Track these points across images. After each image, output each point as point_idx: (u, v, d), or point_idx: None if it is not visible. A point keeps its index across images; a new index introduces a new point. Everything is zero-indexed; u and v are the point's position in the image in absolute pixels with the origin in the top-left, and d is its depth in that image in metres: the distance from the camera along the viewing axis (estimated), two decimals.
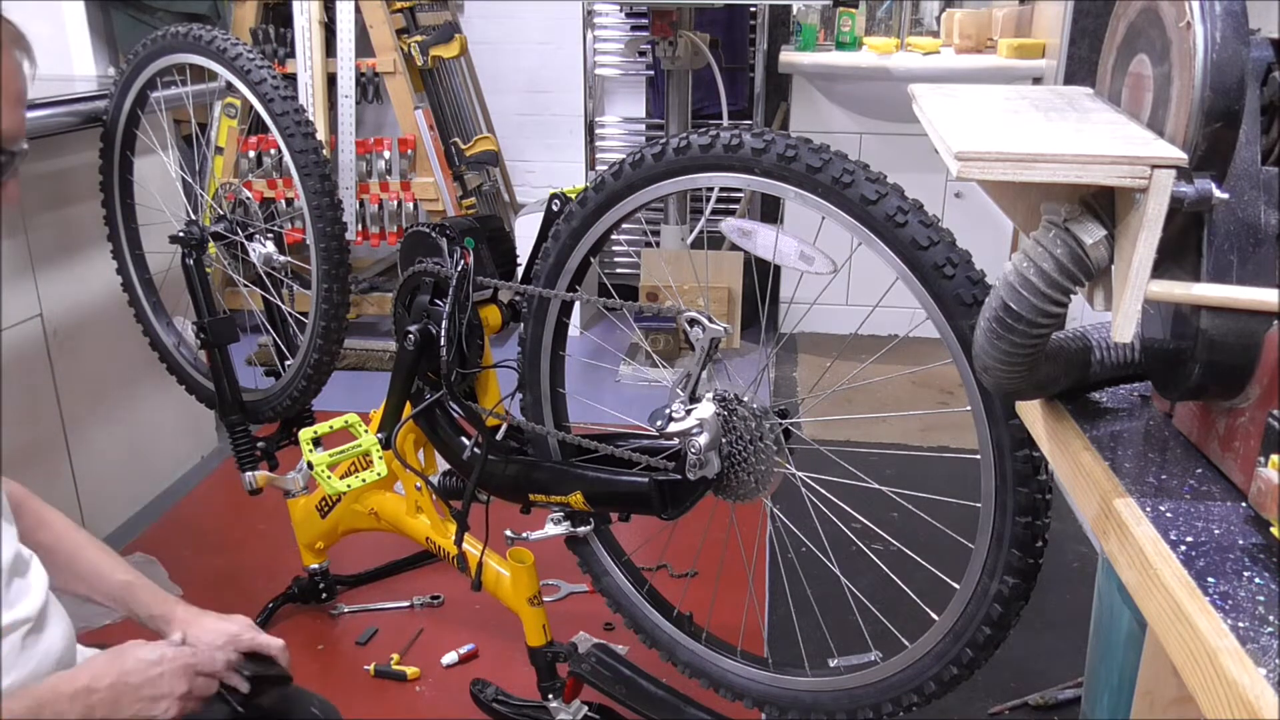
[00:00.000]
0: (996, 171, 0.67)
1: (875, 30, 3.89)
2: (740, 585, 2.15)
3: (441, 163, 3.52)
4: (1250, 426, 0.72)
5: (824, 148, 1.24)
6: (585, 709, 1.69)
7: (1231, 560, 0.65)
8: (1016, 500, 1.17)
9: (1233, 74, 0.66)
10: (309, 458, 1.62)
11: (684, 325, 1.34)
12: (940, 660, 1.30)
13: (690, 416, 1.32)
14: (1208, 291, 0.70)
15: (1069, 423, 0.86)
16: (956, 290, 1.15)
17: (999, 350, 0.75)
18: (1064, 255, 0.69)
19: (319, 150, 1.89)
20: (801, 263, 1.35)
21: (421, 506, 1.79)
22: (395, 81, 3.46)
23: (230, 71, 1.94)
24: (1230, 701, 0.55)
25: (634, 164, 1.37)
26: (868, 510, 1.53)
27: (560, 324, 1.55)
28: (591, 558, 1.67)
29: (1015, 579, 1.20)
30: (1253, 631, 0.58)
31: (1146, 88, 0.75)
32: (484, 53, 3.93)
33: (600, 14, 4.08)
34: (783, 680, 1.50)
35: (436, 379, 1.60)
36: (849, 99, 3.71)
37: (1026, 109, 0.80)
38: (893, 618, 1.45)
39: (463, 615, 2.17)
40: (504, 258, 1.63)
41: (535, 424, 1.59)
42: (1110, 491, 0.75)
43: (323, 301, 1.92)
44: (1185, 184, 0.66)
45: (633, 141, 4.24)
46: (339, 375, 2.14)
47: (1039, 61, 3.41)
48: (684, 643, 1.61)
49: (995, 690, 1.97)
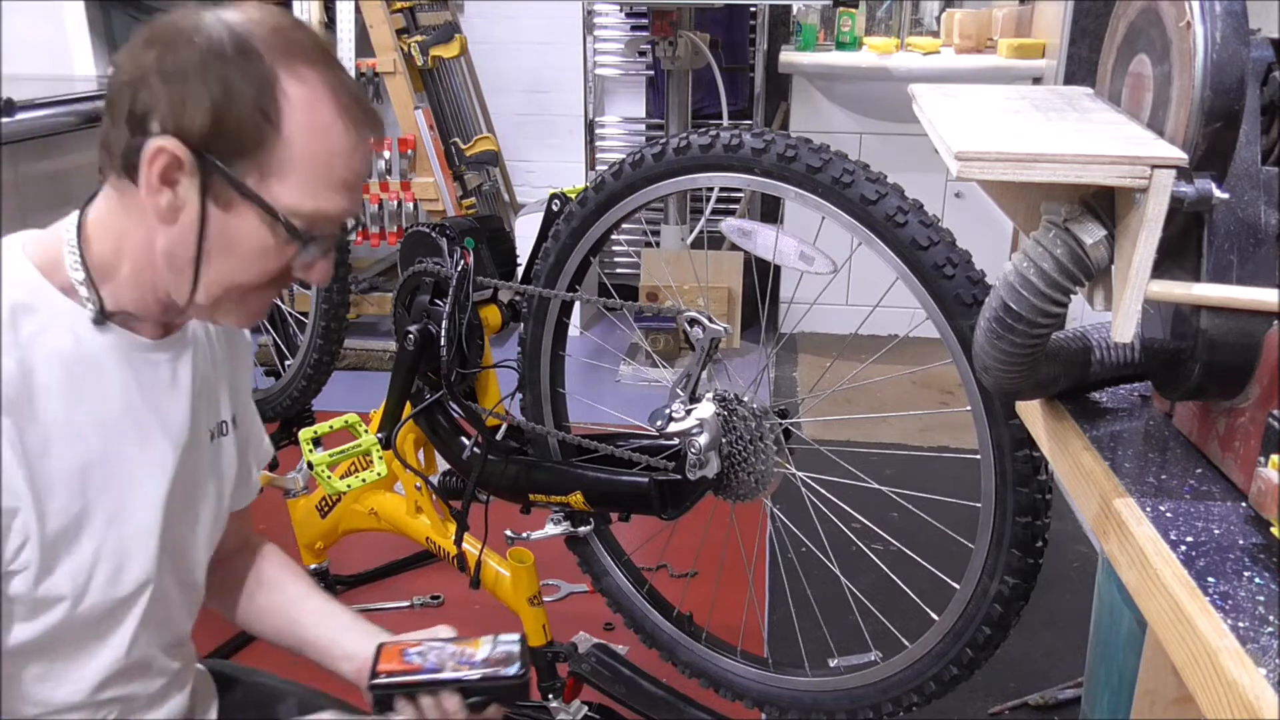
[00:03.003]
0: (996, 171, 0.67)
1: (875, 30, 3.88)
2: (740, 585, 2.15)
3: (441, 163, 3.52)
4: (1250, 426, 0.72)
5: (824, 148, 1.24)
6: (585, 709, 1.68)
7: (1231, 560, 0.65)
8: (1016, 500, 1.17)
9: (1233, 74, 0.66)
10: (309, 457, 1.62)
11: (684, 325, 1.34)
12: (940, 660, 1.30)
13: (690, 416, 1.32)
14: (1208, 291, 0.70)
15: (1069, 423, 0.86)
16: (956, 290, 1.15)
17: (999, 350, 0.75)
18: (1064, 255, 0.69)
19: None
20: (801, 263, 1.35)
21: (421, 506, 1.79)
22: (395, 81, 3.46)
23: None
24: (1230, 701, 0.55)
25: (634, 164, 1.37)
26: (868, 510, 1.53)
27: (560, 324, 1.55)
28: (591, 558, 1.67)
29: (1015, 579, 1.20)
30: (1253, 631, 0.58)
31: (1146, 88, 0.75)
32: (484, 53, 3.93)
33: (600, 14, 4.08)
34: (783, 680, 1.50)
35: (436, 379, 1.60)
36: (849, 99, 3.71)
37: (1026, 109, 0.80)
38: (893, 618, 1.45)
39: (463, 615, 2.17)
40: (504, 258, 1.63)
41: (535, 424, 1.59)
42: (1110, 491, 0.74)
43: (323, 301, 1.92)
44: (1185, 184, 0.66)
45: (633, 141, 4.24)
46: (339, 375, 2.14)
47: (1039, 61, 3.41)
48: (684, 643, 1.61)
49: (995, 690, 1.97)
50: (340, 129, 0.86)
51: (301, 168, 0.84)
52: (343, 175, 0.87)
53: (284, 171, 0.84)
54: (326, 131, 0.85)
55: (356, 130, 0.87)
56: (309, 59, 0.84)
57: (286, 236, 0.86)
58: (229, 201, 0.84)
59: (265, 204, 0.84)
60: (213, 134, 0.82)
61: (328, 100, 0.85)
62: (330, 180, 0.86)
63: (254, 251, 0.86)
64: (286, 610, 1.17)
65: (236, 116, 0.81)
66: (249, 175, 0.83)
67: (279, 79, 0.82)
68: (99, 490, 0.90)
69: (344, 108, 0.86)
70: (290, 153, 0.83)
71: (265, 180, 0.84)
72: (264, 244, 0.86)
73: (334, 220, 0.89)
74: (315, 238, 0.89)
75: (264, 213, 0.84)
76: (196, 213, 0.84)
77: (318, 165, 0.85)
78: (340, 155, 0.86)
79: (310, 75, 0.84)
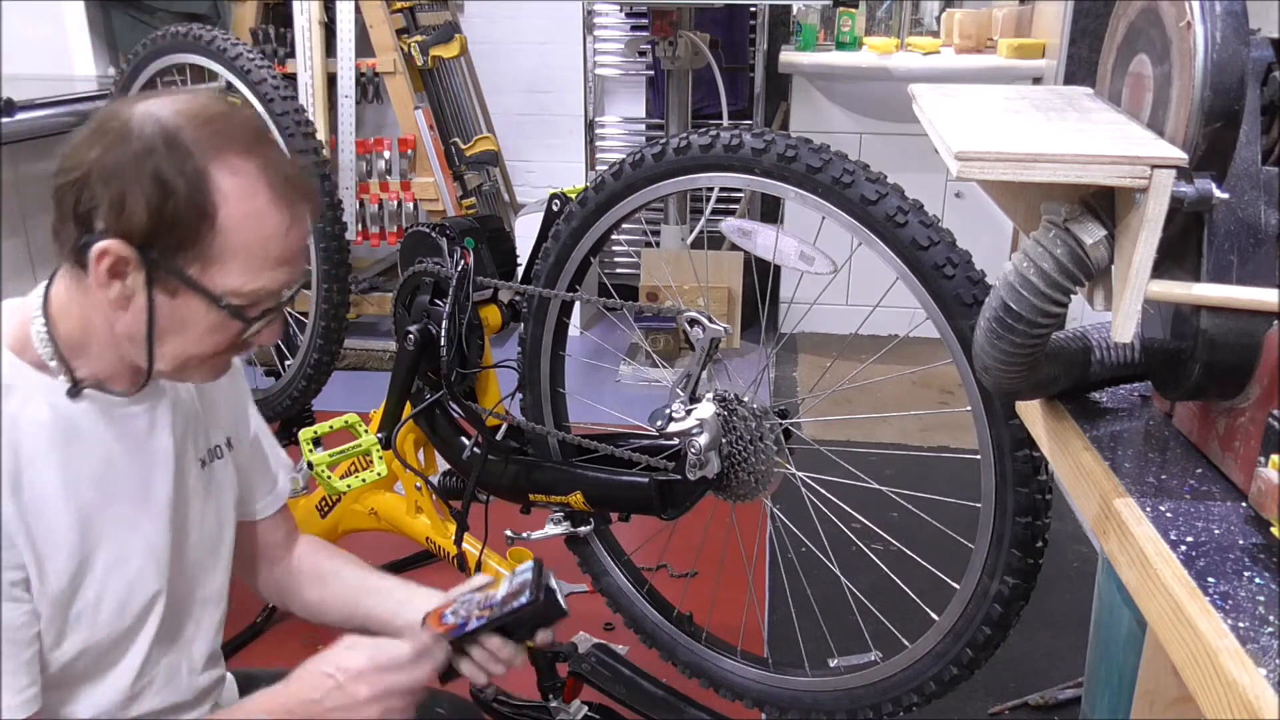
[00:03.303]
0: (996, 171, 0.67)
1: (875, 30, 3.88)
2: (740, 585, 2.15)
3: (441, 163, 3.52)
4: (1250, 426, 0.72)
5: (824, 148, 1.24)
6: (585, 709, 1.68)
7: (1231, 560, 0.65)
8: (1016, 500, 1.17)
9: (1233, 74, 0.66)
10: (309, 458, 1.62)
11: (684, 325, 1.34)
12: (940, 660, 1.30)
13: (690, 416, 1.32)
14: (1208, 291, 0.70)
15: (1069, 423, 0.86)
16: (956, 290, 1.15)
17: (999, 350, 0.75)
18: (1064, 255, 0.69)
19: (319, 150, 1.89)
20: (801, 263, 1.35)
21: (421, 506, 1.79)
22: (395, 81, 3.46)
23: (230, 71, 1.94)
24: (1230, 701, 0.55)
25: (634, 164, 1.37)
26: (868, 510, 1.53)
27: (560, 324, 1.55)
28: (591, 558, 1.67)
29: (1015, 579, 1.20)
30: (1253, 631, 0.58)
31: (1146, 88, 0.75)
32: (484, 53, 3.93)
33: (600, 14, 4.08)
34: (783, 680, 1.50)
35: (436, 379, 1.60)
36: (849, 99, 3.71)
37: (1026, 109, 0.80)
38: (893, 618, 1.45)
39: None
40: (504, 258, 1.63)
41: (535, 424, 1.59)
42: (1110, 491, 0.75)
43: (323, 301, 1.92)
44: (1185, 184, 0.66)
45: (633, 141, 4.24)
46: (339, 375, 2.14)
47: (1039, 61, 3.41)
48: (684, 643, 1.61)
49: (995, 690, 1.97)
50: (274, 212, 0.91)
51: (240, 254, 0.90)
52: (279, 254, 0.92)
53: (224, 259, 0.89)
54: (260, 217, 0.90)
55: (290, 210, 0.92)
56: (239, 148, 0.89)
57: (230, 316, 0.92)
58: (174, 289, 0.90)
59: (208, 291, 0.90)
60: (152, 230, 0.87)
61: (260, 187, 0.90)
62: (267, 260, 0.92)
63: (203, 330, 0.93)
64: (351, 598, 1.23)
65: (173, 213, 0.86)
66: (191, 265, 0.89)
67: (210, 173, 0.87)
68: (97, 540, 0.96)
69: (276, 191, 0.91)
70: (228, 241, 0.89)
71: (207, 270, 0.90)
72: (211, 323, 0.93)
73: (275, 294, 0.95)
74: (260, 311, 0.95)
75: (208, 301, 0.91)
76: (145, 301, 0.90)
77: (255, 250, 0.90)
78: (275, 237, 0.92)
79: (241, 165, 0.89)
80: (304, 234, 0.96)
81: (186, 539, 1.07)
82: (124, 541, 0.99)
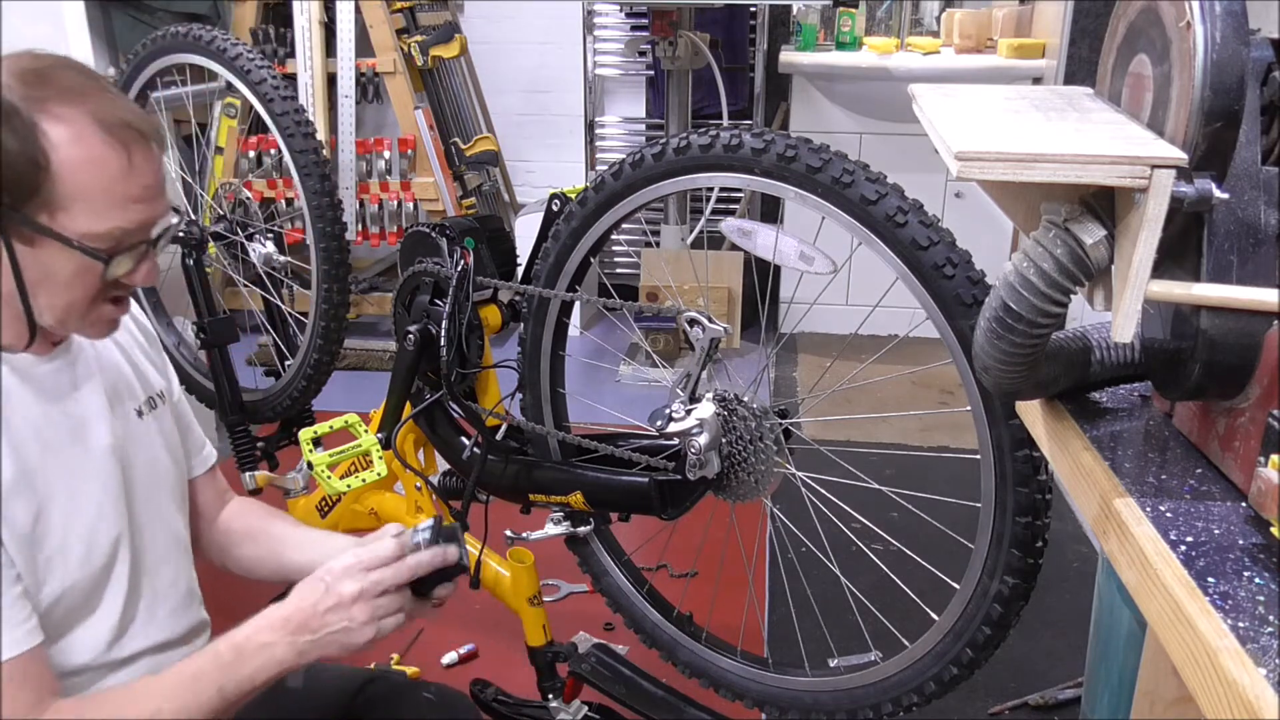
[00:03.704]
0: (996, 171, 0.67)
1: (875, 30, 3.88)
2: (740, 585, 2.15)
3: (441, 163, 3.52)
4: (1250, 426, 0.72)
5: (824, 148, 1.24)
6: (585, 709, 1.68)
7: (1231, 560, 0.65)
8: (1016, 500, 1.17)
9: (1233, 74, 0.66)
10: (309, 458, 1.62)
11: (684, 325, 1.34)
12: (940, 660, 1.30)
13: (690, 416, 1.32)
14: (1208, 291, 0.70)
15: (1069, 423, 0.86)
16: (956, 290, 1.15)
17: (999, 350, 0.75)
18: (1064, 255, 0.69)
19: (319, 150, 1.89)
20: (801, 263, 1.35)
21: (421, 506, 1.79)
22: (395, 81, 3.46)
23: (230, 71, 1.94)
24: (1230, 701, 0.55)
25: (634, 164, 1.37)
26: (868, 510, 1.53)
27: (560, 324, 1.55)
28: (591, 558, 1.67)
29: (1015, 579, 1.20)
30: (1253, 631, 0.58)
31: (1146, 88, 0.75)
32: (484, 53, 3.93)
33: (600, 14, 4.08)
34: (783, 680, 1.50)
35: (436, 379, 1.60)
36: (849, 99, 3.71)
37: (1026, 109, 0.80)
38: (893, 618, 1.45)
39: (462, 615, 2.17)
40: (504, 258, 1.63)
41: (535, 424, 1.59)
42: (1110, 491, 0.75)
43: (323, 301, 1.92)
44: (1185, 184, 0.66)
45: (633, 141, 4.24)
46: (339, 375, 2.14)
47: (1039, 61, 3.41)
48: (684, 643, 1.61)
49: (995, 690, 1.97)
50: (111, 154, 0.94)
51: (81, 197, 0.93)
52: (124, 193, 0.95)
53: (67, 205, 0.93)
54: (96, 161, 0.93)
55: (126, 149, 0.95)
56: (64, 97, 0.93)
57: (88, 257, 0.96)
58: (30, 239, 0.94)
59: (59, 235, 0.94)
60: None
61: (90, 131, 0.93)
62: (113, 200, 0.95)
63: (69, 276, 0.97)
64: (277, 550, 1.29)
65: (11, 168, 0.90)
66: (40, 214, 0.93)
67: (38, 124, 0.91)
68: (48, 490, 1.02)
69: (110, 132, 0.94)
70: (67, 187, 0.92)
71: (55, 216, 0.94)
72: (75, 267, 0.96)
73: (135, 232, 0.98)
74: (122, 250, 0.98)
75: (62, 243, 0.94)
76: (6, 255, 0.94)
77: (96, 192, 0.94)
78: (117, 177, 0.94)
79: (67, 113, 0.92)
80: (151, 172, 0.98)
81: (136, 483, 1.13)
82: (75, 489, 1.04)
